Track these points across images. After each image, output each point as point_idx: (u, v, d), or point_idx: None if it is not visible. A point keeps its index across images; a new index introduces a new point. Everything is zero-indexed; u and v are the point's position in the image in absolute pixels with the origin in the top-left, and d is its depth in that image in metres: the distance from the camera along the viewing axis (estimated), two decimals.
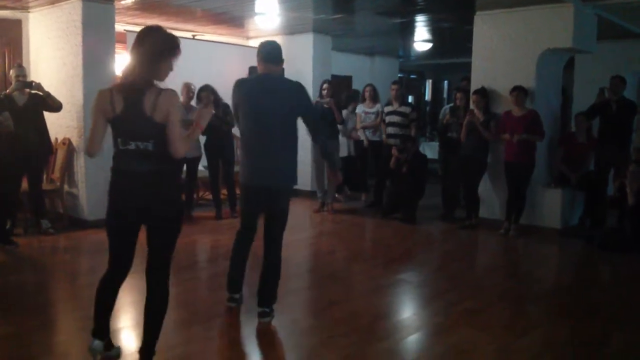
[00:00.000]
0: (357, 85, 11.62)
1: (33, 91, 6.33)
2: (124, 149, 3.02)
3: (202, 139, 7.50)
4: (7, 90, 6.27)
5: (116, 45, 7.21)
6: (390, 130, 8.36)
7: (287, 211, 4.12)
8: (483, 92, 7.28)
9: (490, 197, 7.54)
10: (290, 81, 4.15)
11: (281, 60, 4.12)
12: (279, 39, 9.81)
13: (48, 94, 6.38)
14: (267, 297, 4.09)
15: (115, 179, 3.09)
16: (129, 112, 2.98)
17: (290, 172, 4.07)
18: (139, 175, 3.01)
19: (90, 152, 3.11)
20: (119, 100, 3.01)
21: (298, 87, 4.08)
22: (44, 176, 6.91)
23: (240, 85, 4.10)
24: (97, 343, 3.25)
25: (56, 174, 7.09)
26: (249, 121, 4.02)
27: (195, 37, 9.59)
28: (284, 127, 3.99)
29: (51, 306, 4.64)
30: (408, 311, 4.72)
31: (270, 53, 4.05)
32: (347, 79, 11.99)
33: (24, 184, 6.49)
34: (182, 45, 3.15)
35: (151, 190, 3.02)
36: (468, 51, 7.94)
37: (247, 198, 4.18)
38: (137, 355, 3.66)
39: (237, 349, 3.67)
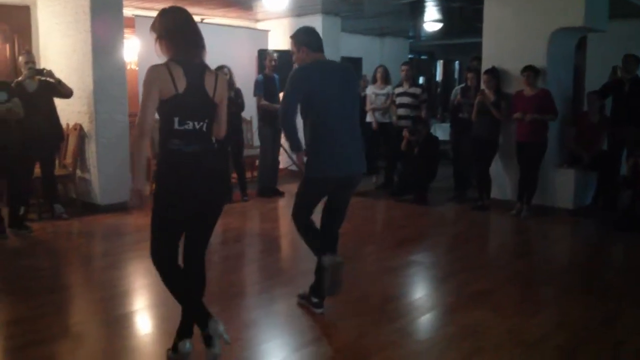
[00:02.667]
0: (366, 66, 11.55)
1: (43, 78, 6.36)
2: (181, 128, 2.93)
3: None
4: (20, 78, 6.28)
5: (125, 31, 7.20)
6: (401, 111, 8.32)
7: None
8: (494, 72, 7.23)
9: (502, 177, 7.51)
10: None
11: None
12: (287, 21, 9.84)
13: (59, 81, 6.40)
14: None
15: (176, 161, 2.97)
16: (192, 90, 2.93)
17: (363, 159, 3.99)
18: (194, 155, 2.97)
19: (145, 133, 2.89)
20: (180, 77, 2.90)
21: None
22: (56, 162, 6.96)
23: (309, 71, 3.83)
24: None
25: (68, 160, 7.14)
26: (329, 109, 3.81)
27: (204, 21, 9.57)
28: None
29: (65, 289, 4.69)
30: (420, 292, 4.73)
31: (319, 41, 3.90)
32: (357, 61, 11.91)
33: (37, 170, 6.55)
34: None
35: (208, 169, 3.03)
36: (479, 31, 7.86)
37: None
38: (151, 337, 3.73)
39: (251, 330, 3.71)
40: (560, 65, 7.32)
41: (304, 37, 3.87)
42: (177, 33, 2.96)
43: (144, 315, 4.14)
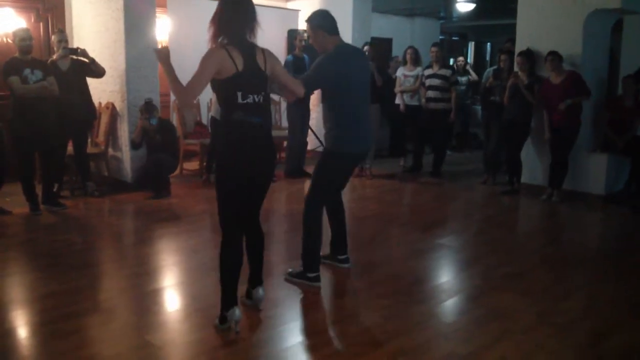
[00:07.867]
0: (397, 47, 11.44)
1: (76, 57, 6.43)
2: (244, 102, 3.25)
3: None
4: (54, 57, 6.36)
5: (156, 10, 7.23)
6: (430, 94, 8.24)
7: None
8: (528, 54, 7.09)
9: (533, 162, 7.41)
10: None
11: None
12: (318, 1, 9.77)
13: (93, 60, 6.46)
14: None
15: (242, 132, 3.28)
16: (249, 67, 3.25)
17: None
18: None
19: (190, 103, 3.29)
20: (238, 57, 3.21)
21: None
22: (89, 140, 7.06)
23: (346, 55, 4.04)
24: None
25: (100, 138, 7.24)
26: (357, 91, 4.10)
27: None
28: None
29: (97, 265, 4.77)
30: (447, 275, 4.71)
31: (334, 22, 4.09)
32: (387, 42, 11.80)
33: (70, 148, 6.66)
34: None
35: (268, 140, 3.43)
36: (512, 12, 7.72)
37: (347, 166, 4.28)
38: (180, 314, 3.79)
39: (278, 308, 3.74)
40: (595, 48, 7.16)
41: (320, 21, 4.05)
42: (233, 18, 3.25)
43: (173, 292, 4.20)
